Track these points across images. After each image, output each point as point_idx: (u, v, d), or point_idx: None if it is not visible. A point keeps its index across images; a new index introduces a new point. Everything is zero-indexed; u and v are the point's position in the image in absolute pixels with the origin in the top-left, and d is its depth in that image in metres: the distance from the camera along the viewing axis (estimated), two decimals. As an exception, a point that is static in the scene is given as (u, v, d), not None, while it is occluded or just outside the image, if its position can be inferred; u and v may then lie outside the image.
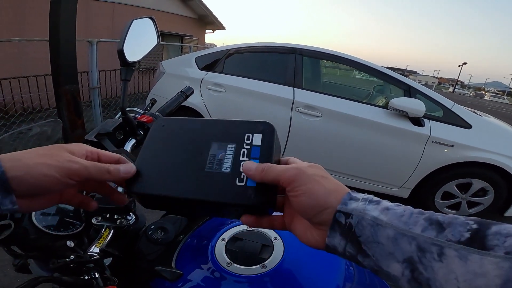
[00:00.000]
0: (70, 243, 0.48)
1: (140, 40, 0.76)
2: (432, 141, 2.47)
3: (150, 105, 1.01)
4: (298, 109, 2.70)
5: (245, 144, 0.34)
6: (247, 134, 0.35)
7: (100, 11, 6.22)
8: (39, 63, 4.00)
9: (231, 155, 0.34)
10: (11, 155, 0.30)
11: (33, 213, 0.52)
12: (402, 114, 2.50)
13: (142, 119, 0.76)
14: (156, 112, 0.84)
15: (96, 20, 6.08)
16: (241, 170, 0.32)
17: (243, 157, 0.33)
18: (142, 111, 0.84)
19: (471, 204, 2.62)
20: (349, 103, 2.69)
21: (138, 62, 0.73)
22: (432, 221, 0.26)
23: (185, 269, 0.50)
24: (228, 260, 0.50)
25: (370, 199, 0.30)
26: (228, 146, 0.35)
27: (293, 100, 2.72)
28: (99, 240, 0.54)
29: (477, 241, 0.23)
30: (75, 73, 2.84)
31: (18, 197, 0.30)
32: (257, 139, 0.34)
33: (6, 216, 0.48)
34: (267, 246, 0.52)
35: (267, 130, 0.35)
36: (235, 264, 0.49)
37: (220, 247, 0.52)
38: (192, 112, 3.00)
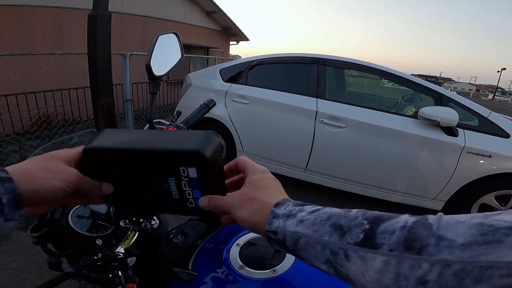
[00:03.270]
0: (99, 241, 0.52)
1: (165, 55, 0.81)
2: (467, 152, 2.34)
3: (176, 117, 1.08)
4: (321, 120, 2.68)
5: (183, 177, 0.36)
6: (181, 168, 0.35)
7: (132, 25, 6.62)
8: (79, 76, 4.34)
9: (175, 186, 0.36)
10: (20, 170, 0.33)
11: (69, 215, 0.57)
12: (434, 123, 2.40)
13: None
14: (180, 123, 0.89)
15: (129, 33, 6.47)
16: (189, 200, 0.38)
17: (185, 187, 0.36)
18: (168, 123, 0.89)
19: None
20: (375, 113, 2.63)
21: (164, 76, 0.79)
22: (335, 227, 0.28)
23: (200, 272, 0.53)
24: (241, 263, 0.51)
25: (288, 213, 0.32)
26: (169, 179, 0.36)
27: (317, 111, 2.70)
28: (125, 241, 0.58)
29: (370, 240, 0.26)
30: (110, 86, 3.04)
31: (25, 206, 0.33)
32: (193, 172, 0.35)
33: (45, 215, 0.54)
34: (280, 252, 0.53)
35: (198, 162, 0.34)
36: (247, 268, 0.50)
37: (234, 252, 0.54)
38: (217, 123, 3.09)
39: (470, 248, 0.22)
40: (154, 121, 0.77)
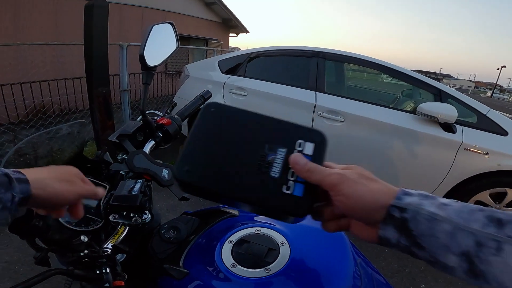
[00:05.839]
0: (84, 238, 0.50)
1: (160, 45, 0.78)
2: (465, 149, 2.33)
3: (171, 108, 1.05)
4: (320, 114, 2.66)
5: (295, 151, 0.34)
6: (299, 141, 0.34)
7: (130, 15, 6.52)
8: (76, 66, 4.27)
9: (282, 160, 0.33)
10: (35, 175, 0.38)
11: None
12: (432, 119, 2.38)
13: (161, 122, 0.79)
14: (175, 115, 0.86)
15: (127, 24, 6.38)
16: (289, 165, 0.33)
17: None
18: (162, 114, 0.87)
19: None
20: (373, 108, 2.61)
21: (158, 66, 0.77)
22: (492, 218, 0.26)
23: (192, 269, 0.51)
24: (233, 262, 0.50)
25: (426, 194, 0.30)
26: (279, 149, 0.34)
27: (315, 104, 2.68)
28: (114, 236, 0.57)
29: None
30: (107, 76, 2.99)
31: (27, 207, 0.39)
32: (309, 149, 0.34)
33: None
34: (273, 250, 0.52)
35: (320, 140, 0.35)
36: (239, 266, 0.49)
37: (227, 249, 0.53)
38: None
39: None
40: (147, 112, 0.75)
